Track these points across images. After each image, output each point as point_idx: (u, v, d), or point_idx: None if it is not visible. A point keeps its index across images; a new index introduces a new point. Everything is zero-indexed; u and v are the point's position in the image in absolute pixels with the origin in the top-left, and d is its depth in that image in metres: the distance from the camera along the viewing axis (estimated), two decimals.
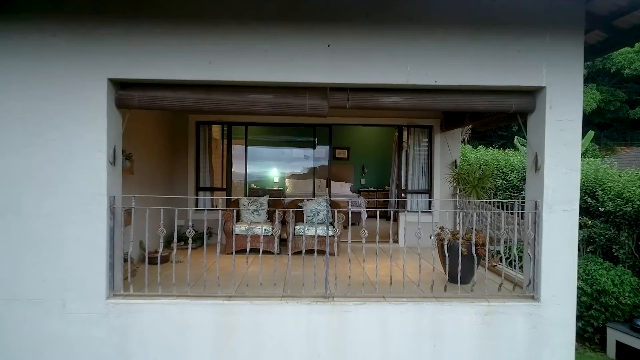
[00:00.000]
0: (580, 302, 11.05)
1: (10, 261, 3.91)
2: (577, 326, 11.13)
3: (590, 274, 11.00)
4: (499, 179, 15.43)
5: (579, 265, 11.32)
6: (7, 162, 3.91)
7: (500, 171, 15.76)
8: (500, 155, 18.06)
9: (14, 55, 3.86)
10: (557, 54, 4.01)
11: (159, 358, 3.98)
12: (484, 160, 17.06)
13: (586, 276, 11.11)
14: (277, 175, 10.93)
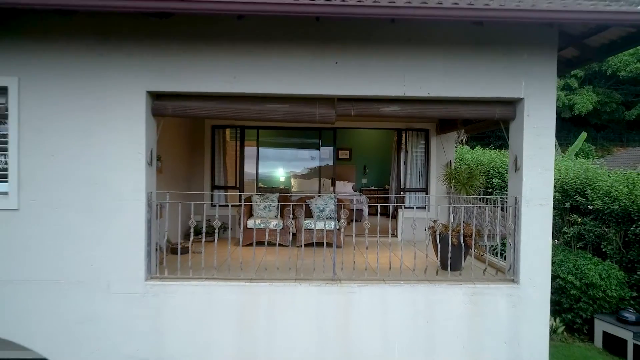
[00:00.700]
0: (570, 295, 11.72)
1: (63, 248, 4.55)
2: (567, 318, 11.85)
3: (580, 268, 11.66)
4: (495, 179, 16.06)
5: (570, 261, 11.99)
6: (60, 163, 4.55)
7: (496, 171, 16.40)
8: (497, 155, 18.69)
9: (68, 73, 4.50)
10: (534, 70, 4.65)
11: (189, 332, 4.62)
12: (481, 161, 17.70)
13: (576, 271, 11.76)
14: (283, 175, 11.57)
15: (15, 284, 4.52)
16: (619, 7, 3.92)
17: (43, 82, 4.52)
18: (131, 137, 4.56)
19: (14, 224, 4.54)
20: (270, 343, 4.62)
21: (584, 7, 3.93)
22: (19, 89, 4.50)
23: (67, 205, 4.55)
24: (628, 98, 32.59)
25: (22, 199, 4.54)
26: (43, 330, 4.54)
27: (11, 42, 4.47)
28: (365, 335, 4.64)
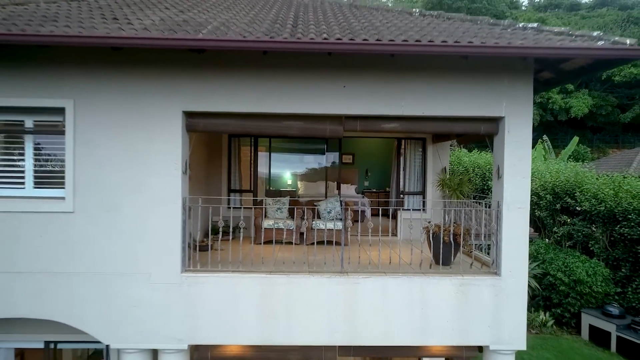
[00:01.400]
0: (559, 291, 12.55)
1: (112, 245, 5.34)
2: (556, 312, 12.66)
3: (569, 266, 12.49)
4: (491, 181, 16.75)
5: (559, 259, 12.78)
6: (109, 172, 5.34)
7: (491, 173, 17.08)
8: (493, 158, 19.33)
9: (115, 95, 5.29)
10: (513, 92, 5.43)
11: (218, 317, 5.41)
12: (478, 164, 18.46)
13: (565, 268, 12.60)
14: (290, 178, 12.36)
15: (72, 276, 5.32)
16: (581, 44, 4.71)
17: (94, 103, 5.31)
18: (169, 149, 5.36)
19: (70, 224, 5.34)
20: (288, 325, 5.41)
21: (552, 43, 4.71)
22: (74, 110, 5.30)
23: (115, 208, 5.35)
24: (623, 101, 33.36)
25: (76, 203, 5.34)
26: (95, 316, 5.34)
27: (68, 69, 5.27)
28: (369, 318, 5.43)
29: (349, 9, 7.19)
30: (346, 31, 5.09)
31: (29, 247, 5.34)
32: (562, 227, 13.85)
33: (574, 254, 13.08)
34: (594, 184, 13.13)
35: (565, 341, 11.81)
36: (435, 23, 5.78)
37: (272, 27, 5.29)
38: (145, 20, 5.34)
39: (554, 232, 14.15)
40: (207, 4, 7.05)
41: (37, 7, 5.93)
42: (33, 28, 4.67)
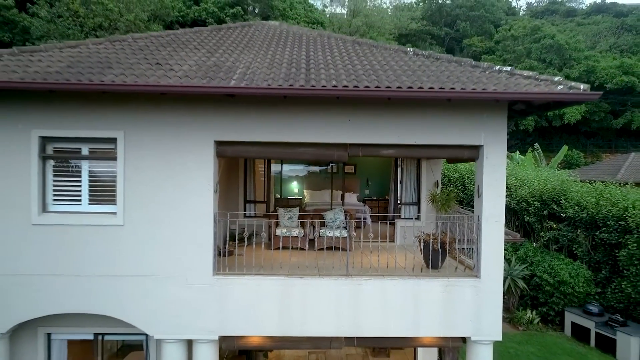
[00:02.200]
0: (545, 291, 13.64)
1: (155, 252, 6.41)
2: (542, 311, 13.78)
3: (554, 268, 13.59)
4: None
5: (545, 261, 13.87)
6: (152, 191, 6.41)
7: None
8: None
9: (158, 128, 6.36)
10: (490, 125, 6.49)
11: (243, 312, 6.46)
12: (472, 171, 19.51)
13: (550, 270, 13.70)
14: (297, 187, 13.43)
15: (122, 278, 6.39)
16: (543, 89, 5.78)
17: (141, 134, 6.38)
18: (203, 172, 6.43)
19: (120, 235, 6.42)
20: (302, 320, 6.48)
21: (519, 89, 5.78)
22: (124, 139, 6.38)
23: (158, 221, 6.42)
24: (616, 107, 34.39)
25: (126, 217, 6.41)
26: (141, 311, 6.42)
27: (120, 106, 6.34)
28: (370, 314, 6.49)
29: (352, 45, 8.26)
30: (351, 76, 6.17)
31: (86, 254, 6.41)
32: (549, 231, 14.92)
33: (559, 256, 14.17)
34: (578, 192, 14.21)
35: (549, 337, 12.88)
36: (426, 65, 6.85)
37: (289, 70, 6.37)
38: (183, 65, 6.43)
39: (541, 237, 15.22)
40: (227, 43, 8.12)
41: (89, 50, 7.02)
42: (97, 77, 5.74)
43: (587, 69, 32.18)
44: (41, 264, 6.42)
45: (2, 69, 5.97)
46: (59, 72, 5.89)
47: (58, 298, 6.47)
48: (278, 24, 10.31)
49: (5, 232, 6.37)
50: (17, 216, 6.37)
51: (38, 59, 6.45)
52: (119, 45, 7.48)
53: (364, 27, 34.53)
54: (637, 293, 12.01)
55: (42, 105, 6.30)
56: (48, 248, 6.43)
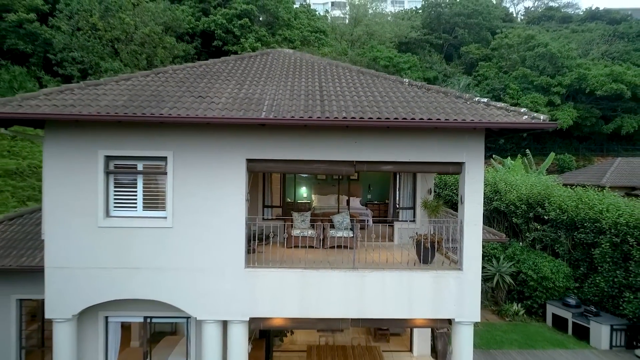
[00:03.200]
0: (529, 286, 15.11)
1: (198, 250, 7.89)
2: (527, 304, 15.29)
3: (537, 265, 15.08)
4: None
5: (530, 259, 15.32)
6: (195, 200, 7.89)
7: None
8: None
9: (201, 148, 7.84)
10: (470, 146, 7.97)
11: (269, 298, 7.94)
12: None
13: (534, 267, 15.18)
14: (306, 193, 14.91)
15: (171, 271, 7.88)
16: (511, 119, 7.26)
17: (187, 153, 7.87)
18: (236, 184, 7.91)
19: (169, 236, 7.91)
20: (317, 304, 7.95)
21: (491, 119, 7.26)
22: (173, 158, 7.86)
23: (200, 225, 7.91)
24: (607, 113, 35.81)
25: (174, 221, 7.90)
26: (187, 298, 7.90)
27: (170, 131, 7.82)
28: (372, 300, 7.97)
29: (357, 75, 9.75)
30: (357, 107, 7.66)
31: (141, 251, 7.91)
32: (534, 232, 16.40)
33: (542, 255, 15.65)
34: (560, 196, 15.68)
35: (532, 327, 14.36)
36: (418, 95, 8.34)
37: (307, 102, 7.86)
38: (221, 98, 7.92)
39: (527, 237, 16.69)
40: (252, 73, 9.61)
41: (140, 83, 8.52)
42: (156, 110, 7.23)
43: (578, 76, 33.59)
44: (105, 259, 7.91)
45: (77, 102, 7.46)
46: (125, 106, 7.38)
47: (118, 287, 7.96)
48: (292, 52, 11.79)
49: (78, 233, 7.86)
50: (87, 220, 7.87)
51: (103, 92, 7.94)
52: (162, 77, 8.98)
53: (365, 36, 35.98)
54: (609, 287, 13.47)
55: (107, 130, 7.79)
56: (110, 246, 7.92)
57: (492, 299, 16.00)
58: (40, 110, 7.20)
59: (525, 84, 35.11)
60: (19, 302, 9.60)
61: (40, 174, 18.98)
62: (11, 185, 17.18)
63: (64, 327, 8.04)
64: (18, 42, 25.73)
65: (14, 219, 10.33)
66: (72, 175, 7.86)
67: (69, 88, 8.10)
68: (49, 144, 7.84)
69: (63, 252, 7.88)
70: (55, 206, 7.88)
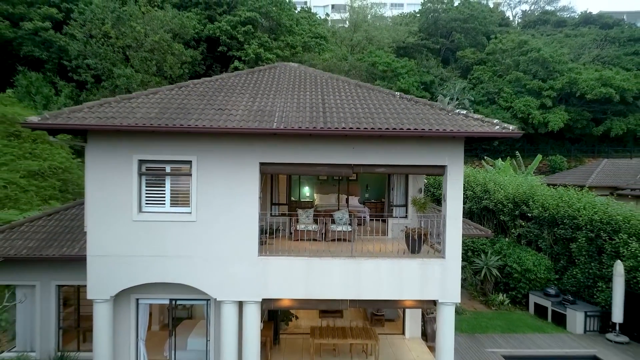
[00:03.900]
0: (514, 278, 16.40)
1: (218, 240, 9.21)
2: (512, 294, 16.63)
3: (521, 258, 16.39)
4: (469, 191, 20.65)
5: (515, 253, 16.64)
6: (215, 198, 9.20)
7: (469, 184, 21.02)
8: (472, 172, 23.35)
9: (220, 153, 9.15)
10: (452, 151, 9.28)
11: (279, 282, 9.25)
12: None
13: (519, 260, 16.51)
14: (309, 192, 16.23)
15: (195, 258, 9.20)
16: (485, 129, 8.57)
17: (208, 158, 9.18)
18: (251, 184, 9.22)
19: (193, 229, 9.22)
20: (320, 287, 9.27)
21: (468, 129, 8.57)
22: (197, 162, 9.18)
23: (220, 219, 9.22)
24: (598, 115, 37.12)
25: (198, 216, 9.22)
26: (209, 281, 9.22)
27: (195, 139, 9.13)
28: (368, 283, 9.28)
29: (354, 88, 11.06)
30: (355, 118, 8.97)
31: (169, 241, 9.22)
32: (519, 228, 17.71)
33: (526, 249, 16.97)
34: (542, 195, 16.98)
35: (515, 315, 15.67)
36: (407, 108, 9.65)
37: (312, 114, 9.18)
38: (238, 110, 9.24)
39: (512, 233, 18.01)
40: (262, 86, 10.92)
41: (166, 96, 9.84)
42: (184, 121, 8.54)
43: (569, 80, 34.89)
44: (138, 248, 9.23)
45: (116, 115, 8.78)
46: (157, 118, 8.70)
47: (149, 272, 9.28)
48: (297, 66, 13.11)
49: (115, 226, 9.19)
50: (123, 215, 9.19)
51: (136, 105, 9.27)
52: (185, 90, 10.30)
53: (364, 42, 37.29)
54: (585, 278, 14.79)
55: (141, 138, 9.11)
56: (143, 237, 9.24)
57: (481, 290, 17.30)
58: (86, 122, 8.52)
59: (518, 88, 36.42)
60: (57, 288, 10.92)
61: (59, 175, 20.39)
62: (34, 185, 18.48)
63: (103, 307, 9.36)
64: (34, 49, 27.07)
65: (51, 215, 11.65)
66: (110, 177, 9.18)
67: (107, 102, 9.42)
68: (91, 150, 9.17)
69: (102, 243, 9.21)
70: (96, 203, 9.20)
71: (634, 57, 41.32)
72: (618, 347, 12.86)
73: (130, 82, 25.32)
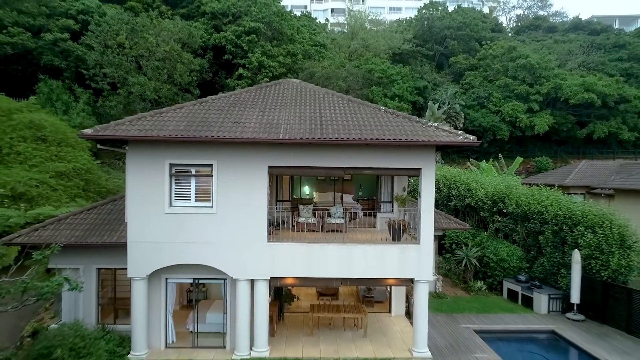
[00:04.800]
0: (490, 267, 18.46)
1: (234, 228, 11.27)
2: (488, 282, 18.82)
3: (497, 250, 18.46)
4: (454, 190, 22.69)
5: (492, 245, 18.76)
6: (231, 194, 11.28)
7: (455, 184, 23.09)
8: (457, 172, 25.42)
9: (236, 158, 11.23)
10: (425, 156, 11.35)
11: (285, 262, 11.33)
12: (445, 176, 24.29)
13: (495, 251, 18.61)
14: (308, 190, 18.30)
15: (216, 244, 11.28)
16: (451, 138, 10.64)
17: (227, 162, 11.25)
18: (261, 184, 11.29)
19: (214, 220, 11.30)
20: (318, 268, 11.35)
21: (437, 139, 10.65)
22: (217, 165, 11.26)
23: (236, 212, 11.29)
24: (582, 119, 39.19)
25: (218, 209, 11.29)
26: (227, 263, 11.30)
27: (216, 146, 11.19)
28: (358, 265, 11.36)
29: (347, 103, 13.13)
30: (346, 129, 11.05)
31: (194, 230, 11.29)
32: (497, 223, 19.79)
33: (502, 242, 19.05)
34: (517, 194, 19.05)
35: (491, 299, 17.74)
36: (390, 120, 11.71)
37: (311, 126, 11.25)
38: (251, 122, 11.31)
39: (491, 227, 20.09)
40: (269, 101, 12.99)
41: (191, 111, 11.91)
42: (208, 133, 10.61)
43: (554, 86, 36.94)
44: (169, 236, 11.30)
45: (152, 127, 10.85)
46: (186, 130, 10.78)
47: (177, 255, 11.36)
48: (298, 82, 15.18)
49: (150, 218, 11.26)
50: (157, 209, 11.27)
51: (167, 119, 11.34)
52: (205, 105, 12.37)
53: (361, 49, 39.36)
54: (550, 266, 16.86)
55: (172, 146, 11.17)
56: (172, 226, 11.31)
57: (462, 278, 19.37)
58: (129, 133, 10.62)
59: (507, 93, 38.50)
60: (97, 270, 12.98)
61: (82, 175, 22.44)
62: (62, 185, 20.56)
63: (139, 284, 11.44)
64: (53, 58, 29.15)
65: (90, 209, 13.71)
66: (146, 177, 11.25)
67: (144, 116, 11.51)
68: (131, 155, 11.25)
69: (140, 231, 11.28)
70: (134, 199, 11.28)
71: (618, 63, 43.41)
72: (575, 324, 14.94)
73: (143, 89, 27.40)
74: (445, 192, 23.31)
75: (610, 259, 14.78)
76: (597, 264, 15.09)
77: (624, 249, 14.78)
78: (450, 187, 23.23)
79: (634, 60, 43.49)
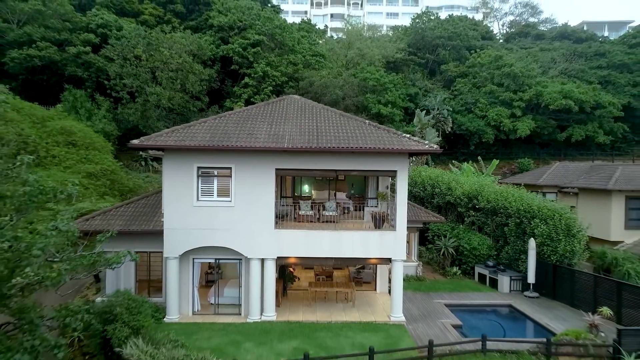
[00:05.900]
0: (464, 255, 21.42)
1: (248, 218, 14.23)
2: (463, 267, 22.03)
3: (470, 240, 21.40)
4: (437, 188, 25.62)
5: (466, 236, 21.82)
6: (245, 191, 14.24)
7: (437, 183, 26.02)
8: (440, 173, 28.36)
9: (250, 162, 14.18)
10: (400, 160, 14.30)
11: (288, 245, 14.29)
12: (430, 177, 27.20)
13: (468, 241, 21.60)
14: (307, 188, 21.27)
15: (233, 231, 14.24)
16: (419, 146, 13.59)
17: (242, 165, 14.22)
18: (269, 183, 14.26)
19: (233, 211, 14.28)
20: (315, 249, 14.31)
21: (408, 147, 13.61)
22: (235, 168, 14.23)
23: (250, 205, 14.25)
24: (562, 123, 42.11)
25: (235, 202, 14.27)
26: (243, 245, 14.27)
27: (234, 153, 14.14)
28: (346, 247, 14.31)
29: (339, 117, 16.09)
30: (337, 139, 14.00)
31: (216, 219, 14.25)
32: (471, 217, 22.76)
33: (475, 233, 22.01)
34: (488, 192, 22.01)
35: (464, 282, 20.70)
36: (372, 132, 14.66)
37: (310, 137, 14.21)
38: (262, 134, 14.27)
39: (466, 221, 23.05)
40: (275, 115, 15.94)
41: (213, 124, 14.88)
42: (227, 143, 13.57)
43: (536, 93, 39.81)
44: (196, 224, 14.27)
45: (184, 138, 13.81)
46: (211, 140, 13.74)
47: (203, 239, 14.33)
48: (299, 98, 18.15)
49: (182, 210, 14.24)
50: (187, 202, 14.24)
51: (195, 131, 14.30)
52: (224, 119, 15.33)
53: (357, 58, 42.31)
54: (513, 253, 19.82)
55: (199, 152, 14.13)
56: (199, 216, 14.28)
57: (441, 265, 22.31)
58: (168, 143, 13.59)
59: (492, 99, 41.40)
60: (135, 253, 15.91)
61: (109, 175, 25.38)
62: (92, 184, 23.52)
63: (173, 262, 14.41)
64: (77, 69, 32.11)
65: (129, 204, 16.67)
66: (179, 178, 14.22)
67: (176, 129, 14.49)
68: (166, 160, 14.22)
69: (174, 220, 14.25)
70: (169, 195, 14.25)
71: (597, 71, 46.29)
72: (530, 300, 17.88)
73: (159, 98, 30.35)
74: (429, 191, 26.22)
75: (558, 245, 17.74)
76: (548, 250, 18.06)
77: (570, 237, 17.75)
78: (433, 186, 26.13)
79: (612, 68, 46.37)
